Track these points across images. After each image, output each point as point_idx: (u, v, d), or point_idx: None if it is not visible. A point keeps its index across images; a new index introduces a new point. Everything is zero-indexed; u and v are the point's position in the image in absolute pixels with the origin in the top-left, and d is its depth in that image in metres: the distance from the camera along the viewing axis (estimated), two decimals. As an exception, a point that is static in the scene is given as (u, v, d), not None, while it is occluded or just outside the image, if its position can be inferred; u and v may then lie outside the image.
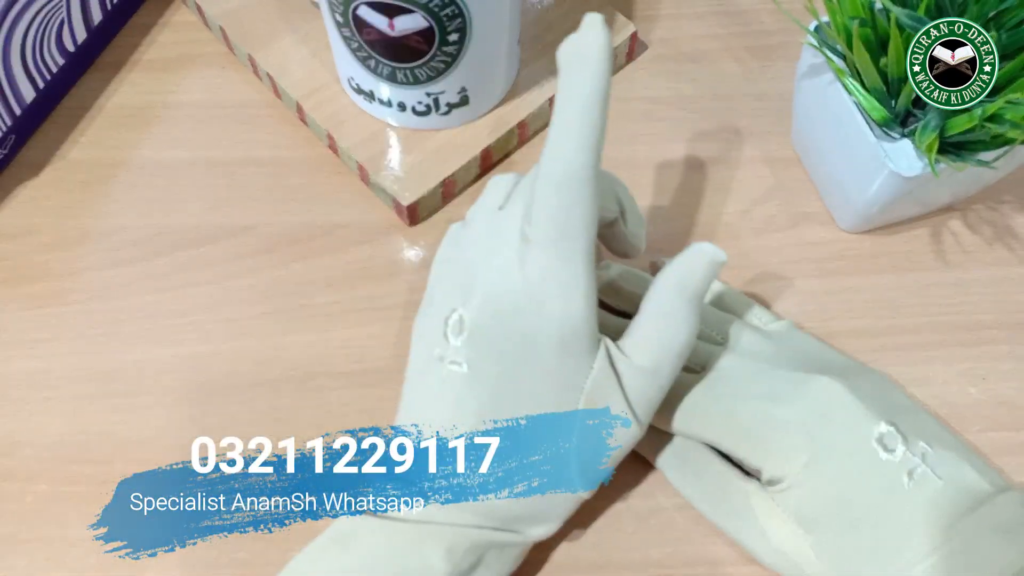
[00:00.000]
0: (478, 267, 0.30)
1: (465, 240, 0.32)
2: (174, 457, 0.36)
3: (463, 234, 0.32)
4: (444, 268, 0.32)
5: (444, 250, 0.33)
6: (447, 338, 0.30)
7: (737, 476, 0.33)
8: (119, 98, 0.45)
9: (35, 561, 0.34)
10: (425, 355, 0.31)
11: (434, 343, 0.31)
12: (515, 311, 0.29)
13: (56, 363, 0.38)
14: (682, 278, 0.30)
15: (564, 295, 0.29)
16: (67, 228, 0.41)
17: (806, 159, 0.42)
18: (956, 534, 0.29)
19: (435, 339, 0.30)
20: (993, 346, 0.38)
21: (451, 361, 0.30)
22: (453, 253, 0.32)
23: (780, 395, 0.32)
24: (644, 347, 0.30)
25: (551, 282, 0.29)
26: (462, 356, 0.30)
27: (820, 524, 0.30)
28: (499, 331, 0.29)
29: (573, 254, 0.29)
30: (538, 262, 0.29)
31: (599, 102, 0.28)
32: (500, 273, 0.29)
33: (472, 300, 0.30)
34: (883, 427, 0.31)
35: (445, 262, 0.32)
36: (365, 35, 0.36)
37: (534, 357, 0.29)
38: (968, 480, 0.30)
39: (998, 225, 0.41)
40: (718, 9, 0.47)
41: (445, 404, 0.30)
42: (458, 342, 0.30)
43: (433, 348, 0.30)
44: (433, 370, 0.30)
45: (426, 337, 0.31)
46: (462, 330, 0.30)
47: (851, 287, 0.39)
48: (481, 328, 0.29)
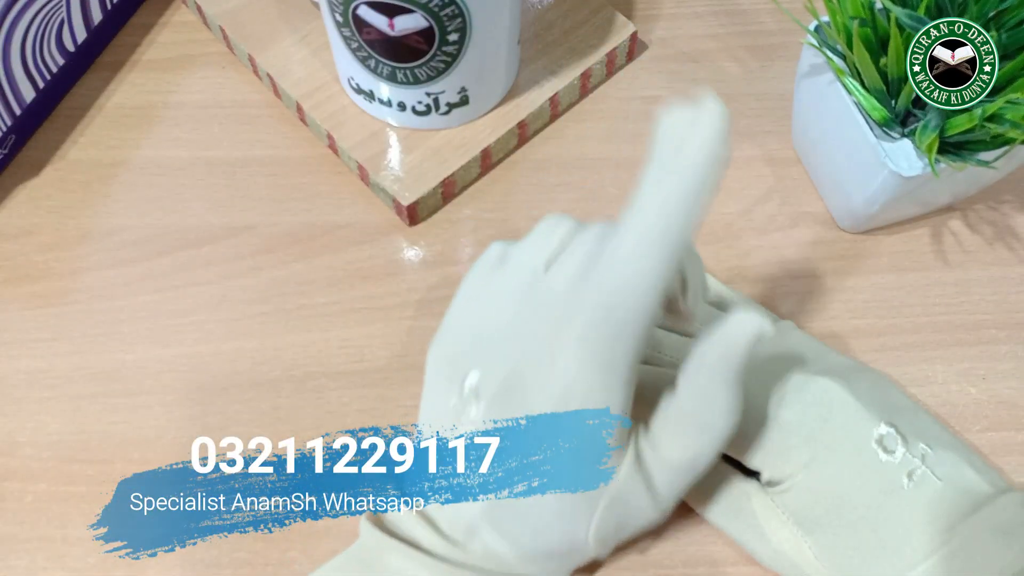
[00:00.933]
0: (507, 337, 0.28)
1: (500, 290, 0.29)
2: (174, 457, 0.36)
3: (500, 279, 0.29)
4: (470, 307, 0.30)
5: (475, 282, 0.30)
6: (461, 399, 0.29)
7: (737, 476, 0.33)
8: (119, 98, 0.45)
9: (35, 561, 0.34)
10: (443, 391, 0.29)
11: (450, 391, 0.29)
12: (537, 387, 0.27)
13: (56, 363, 0.38)
14: (723, 356, 0.27)
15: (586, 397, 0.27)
16: (67, 228, 0.41)
17: (806, 159, 0.42)
18: (956, 535, 0.29)
19: (450, 387, 0.29)
20: (993, 346, 0.38)
21: (468, 423, 0.28)
22: (484, 293, 0.30)
23: (780, 396, 0.32)
24: (680, 441, 0.28)
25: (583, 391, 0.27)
26: (483, 428, 0.28)
27: (820, 525, 0.30)
28: (517, 405, 0.28)
29: (615, 362, 0.27)
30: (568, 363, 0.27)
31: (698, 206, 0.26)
32: (531, 362, 0.27)
33: (491, 380, 0.28)
34: (883, 428, 0.31)
35: (474, 300, 0.30)
36: (365, 35, 0.36)
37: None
38: (968, 481, 0.30)
39: (998, 225, 0.41)
40: (718, 9, 0.47)
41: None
42: (474, 413, 0.28)
43: (449, 397, 0.29)
44: (450, 418, 0.29)
45: (442, 374, 0.30)
46: (479, 399, 0.28)
47: (851, 287, 0.39)
48: (498, 410, 0.28)
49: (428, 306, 0.39)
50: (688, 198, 0.25)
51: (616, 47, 0.43)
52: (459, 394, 0.29)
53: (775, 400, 0.32)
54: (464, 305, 0.30)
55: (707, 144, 0.25)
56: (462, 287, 0.31)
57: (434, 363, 0.30)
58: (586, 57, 0.43)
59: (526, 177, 0.42)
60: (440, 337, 0.31)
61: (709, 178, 0.25)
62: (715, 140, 0.25)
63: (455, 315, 0.31)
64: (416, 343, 0.38)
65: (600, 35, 0.43)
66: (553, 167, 0.42)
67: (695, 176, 0.25)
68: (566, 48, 0.43)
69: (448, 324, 0.31)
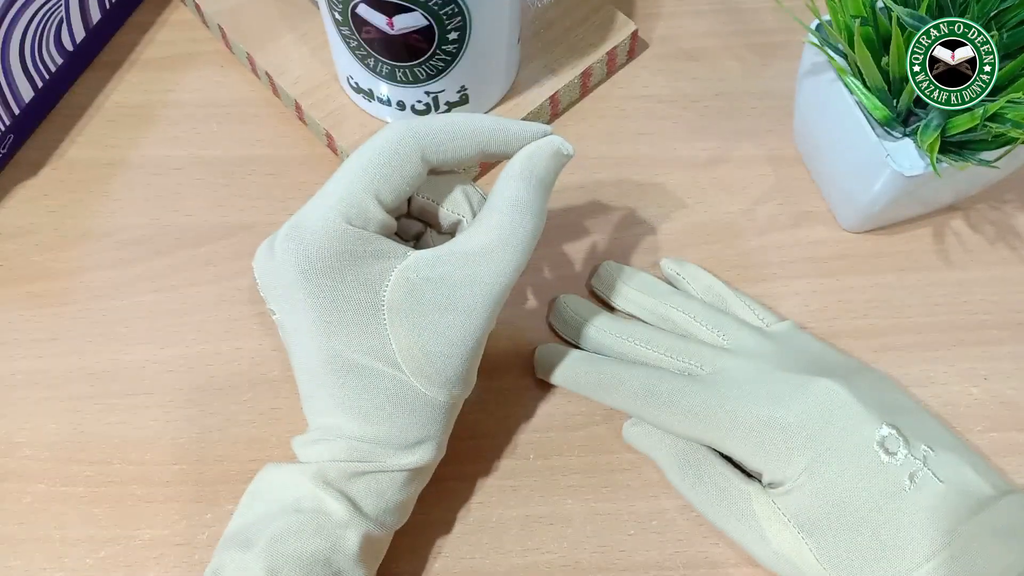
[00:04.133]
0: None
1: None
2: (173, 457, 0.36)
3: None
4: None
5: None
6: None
7: (739, 478, 0.33)
8: (118, 97, 0.45)
9: (33, 561, 0.34)
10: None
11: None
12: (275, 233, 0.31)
13: (54, 363, 0.38)
14: (528, 166, 0.30)
15: (311, 209, 0.30)
16: (66, 228, 0.41)
17: (808, 158, 0.42)
18: (957, 537, 0.29)
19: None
20: (995, 346, 0.38)
21: (270, 311, 0.32)
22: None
23: (781, 397, 0.32)
24: (481, 234, 0.30)
25: (315, 195, 0.30)
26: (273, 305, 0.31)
27: (821, 527, 0.30)
28: (263, 260, 0.31)
29: (355, 172, 0.30)
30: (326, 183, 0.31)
31: (490, 139, 0.31)
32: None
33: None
34: (884, 430, 0.30)
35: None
36: (364, 33, 0.36)
37: (282, 282, 0.30)
38: (969, 483, 0.30)
39: (1000, 224, 0.40)
40: (719, 7, 0.47)
41: (287, 343, 0.32)
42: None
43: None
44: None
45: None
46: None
47: (853, 287, 0.39)
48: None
49: (427, 306, 0.39)
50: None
51: (617, 46, 0.43)
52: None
53: (776, 401, 0.31)
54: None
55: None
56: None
57: None
58: (586, 56, 0.43)
59: (526, 176, 0.42)
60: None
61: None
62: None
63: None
64: (415, 343, 0.38)
65: (600, 33, 0.43)
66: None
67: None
68: (566, 47, 0.43)
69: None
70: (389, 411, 0.30)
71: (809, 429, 0.31)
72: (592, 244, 0.40)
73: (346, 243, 0.29)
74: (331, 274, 0.29)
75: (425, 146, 0.30)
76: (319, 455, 0.30)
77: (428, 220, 0.33)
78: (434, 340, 0.30)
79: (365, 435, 0.30)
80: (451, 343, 0.30)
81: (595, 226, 0.41)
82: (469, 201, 0.32)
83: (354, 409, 0.30)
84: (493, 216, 0.30)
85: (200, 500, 0.35)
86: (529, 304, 0.39)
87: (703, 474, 0.33)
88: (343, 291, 0.29)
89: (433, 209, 0.32)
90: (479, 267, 0.30)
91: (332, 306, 0.29)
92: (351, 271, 0.29)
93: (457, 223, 0.32)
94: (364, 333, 0.30)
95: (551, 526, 0.34)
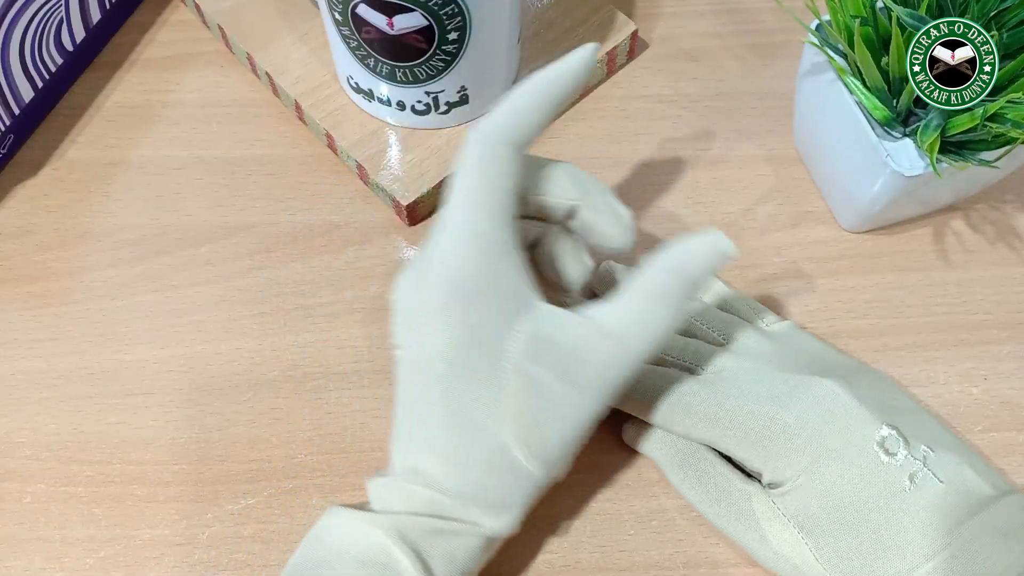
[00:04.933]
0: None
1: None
2: (173, 457, 0.36)
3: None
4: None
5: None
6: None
7: (738, 478, 0.33)
8: (118, 97, 0.45)
9: (33, 561, 0.34)
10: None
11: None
12: (416, 282, 0.30)
13: (55, 363, 0.38)
14: (682, 260, 0.29)
15: (451, 254, 0.29)
16: (66, 228, 0.41)
17: (808, 158, 0.42)
18: (957, 537, 0.29)
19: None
20: (995, 346, 0.38)
21: (394, 346, 0.31)
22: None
23: (782, 398, 0.32)
24: (617, 315, 0.29)
25: (444, 239, 0.29)
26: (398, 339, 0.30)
27: (821, 527, 0.30)
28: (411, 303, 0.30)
29: (467, 199, 0.29)
30: (441, 220, 0.29)
31: (548, 89, 0.29)
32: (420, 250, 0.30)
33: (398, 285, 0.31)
34: (885, 430, 0.30)
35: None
36: (364, 34, 0.36)
37: (434, 326, 0.29)
38: (969, 483, 0.30)
39: (1000, 224, 0.40)
40: (719, 7, 0.47)
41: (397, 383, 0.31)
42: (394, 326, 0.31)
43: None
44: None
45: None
46: (396, 312, 0.31)
47: (853, 287, 0.39)
48: (399, 306, 0.30)
49: (427, 306, 0.39)
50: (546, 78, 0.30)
51: (617, 46, 0.43)
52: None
53: (776, 402, 0.31)
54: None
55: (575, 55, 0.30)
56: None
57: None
58: (586, 56, 0.43)
59: (526, 176, 0.42)
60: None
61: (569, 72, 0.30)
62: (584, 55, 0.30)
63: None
64: (415, 343, 0.38)
65: (600, 34, 0.43)
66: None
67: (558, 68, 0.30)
68: (566, 47, 0.43)
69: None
70: (484, 469, 0.29)
71: (809, 430, 0.31)
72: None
73: (490, 275, 0.28)
74: (473, 305, 0.28)
75: (509, 136, 0.29)
76: (398, 502, 0.29)
77: (543, 215, 0.32)
78: (547, 410, 0.29)
79: (453, 488, 0.29)
80: (563, 418, 0.29)
81: (595, 226, 0.41)
82: (579, 186, 0.31)
83: (451, 458, 0.29)
84: (634, 298, 0.29)
85: (200, 500, 0.35)
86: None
87: (703, 474, 0.33)
88: (480, 329, 0.28)
89: (546, 203, 0.31)
90: (608, 347, 0.28)
91: (467, 342, 0.28)
92: (491, 307, 0.28)
93: (572, 209, 0.31)
94: (485, 380, 0.28)
95: (551, 526, 0.34)
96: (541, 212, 0.32)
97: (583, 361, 0.28)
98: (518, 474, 0.29)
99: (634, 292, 0.29)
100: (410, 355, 0.30)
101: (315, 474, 0.35)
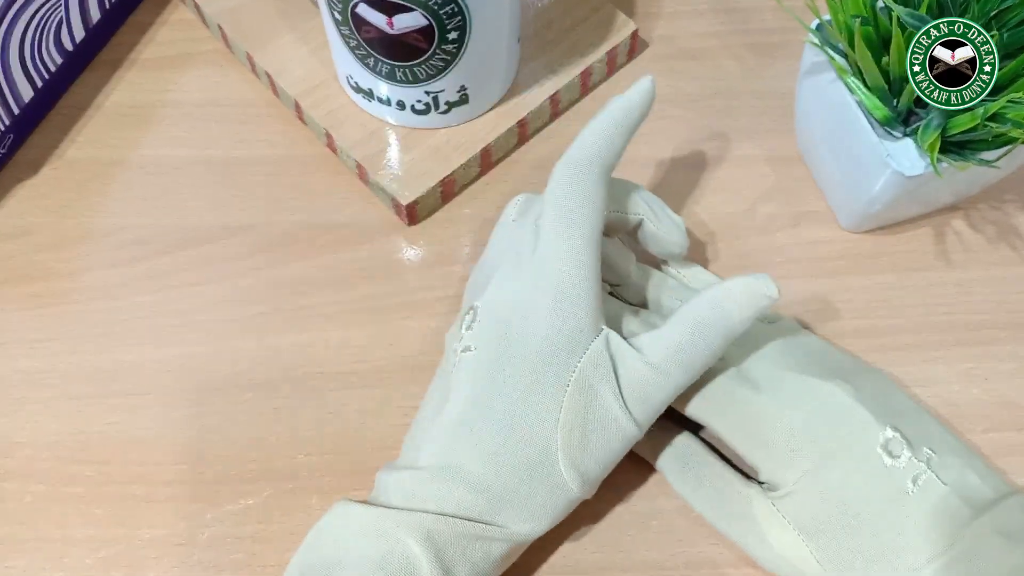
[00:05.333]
0: (494, 266, 0.33)
1: (484, 254, 0.34)
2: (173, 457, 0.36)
3: (484, 253, 0.35)
4: (466, 286, 0.35)
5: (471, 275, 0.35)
6: (462, 330, 0.32)
7: (738, 480, 0.33)
8: (117, 97, 0.45)
9: (34, 561, 0.34)
10: (447, 355, 0.33)
11: (453, 339, 0.32)
12: (519, 288, 0.31)
13: (55, 363, 0.38)
14: (724, 297, 0.30)
15: (560, 266, 0.30)
16: (66, 228, 0.41)
17: (808, 158, 0.42)
18: (960, 540, 0.29)
19: (454, 337, 0.32)
20: (995, 346, 0.38)
21: (463, 349, 0.31)
22: (475, 272, 0.35)
23: (787, 400, 0.31)
24: (660, 345, 0.30)
25: (550, 253, 0.31)
26: (472, 341, 0.31)
27: (823, 530, 0.30)
28: (503, 309, 0.31)
29: (572, 230, 0.31)
30: (541, 239, 0.31)
31: (624, 119, 0.32)
32: (511, 262, 0.32)
33: (485, 291, 0.32)
34: (888, 433, 0.30)
35: (469, 283, 0.35)
36: (364, 33, 0.36)
37: (528, 329, 0.30)
38: (972, 486, 0.30)
39: (1001, 224, 0.40)
40: (719, 7, 0.47)
41: (451, 384, 0.31)
42: (469, 331, 0.31)
43: (452, 343, 0.32)
44: (450, 361, 0.32)
45: (449, 342, 0.33)
46: (475, 319, 0.31)
47: (853, 287, 0.39)
48: (488, 310, 0.31)
49: (428, 306, 0.39)
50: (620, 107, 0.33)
51: (617, 45, 0.43)
52: (459, 331, 0.32)
53: (778, 404, 0.31)
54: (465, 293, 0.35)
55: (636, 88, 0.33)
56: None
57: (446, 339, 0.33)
58: (587, 55, 0.43)
59: (526, 176, 0.42)
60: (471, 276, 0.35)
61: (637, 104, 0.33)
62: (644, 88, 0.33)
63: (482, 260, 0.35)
64: (415, 343, 0.38)
65: (601, 33, 0.43)
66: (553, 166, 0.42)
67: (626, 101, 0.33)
68: (566, 46, 0.43)
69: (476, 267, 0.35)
70: (527, 474, 0.30)
71: (812, 432, 0.31)
72: (592, 244, 0.40)
73: (583, 291, 0.30)
74: (568, 315, 0.30)
75: (596, 162, 0.32)
76: (430, 500, 0.29)
77: (613, 228, 0.35)
78: (596, 429, 0.30)
79: (492, 488, 0.29)
80: (608, 439, 0.30)
81: (595, 226, 0.41)
82: (645, 202, 0.34)
83: (496, 458, 0.29)
84: (675, 330, 0.30)
85: (200, 500, 0.35)
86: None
87: (703, 477, 0.33)
88: (567, 340, 0.30)
89: (619, 218, 0.34)
90: (652, 377, 0.30)
91: (549, 352, 0.30)
92: (578, 322, 0.30)
93: (639, 223, 0.35)
94: (551, 389, 0.30)
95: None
96: (612, 226, 0.35)
97: (632, 386, 0.30)
98: (556, 486, 0.30)
99: (676, 324, 0.31)
100: (483, 356, 0.30)
101: (315, 474, 0.35)
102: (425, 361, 0.37)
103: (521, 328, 0.30)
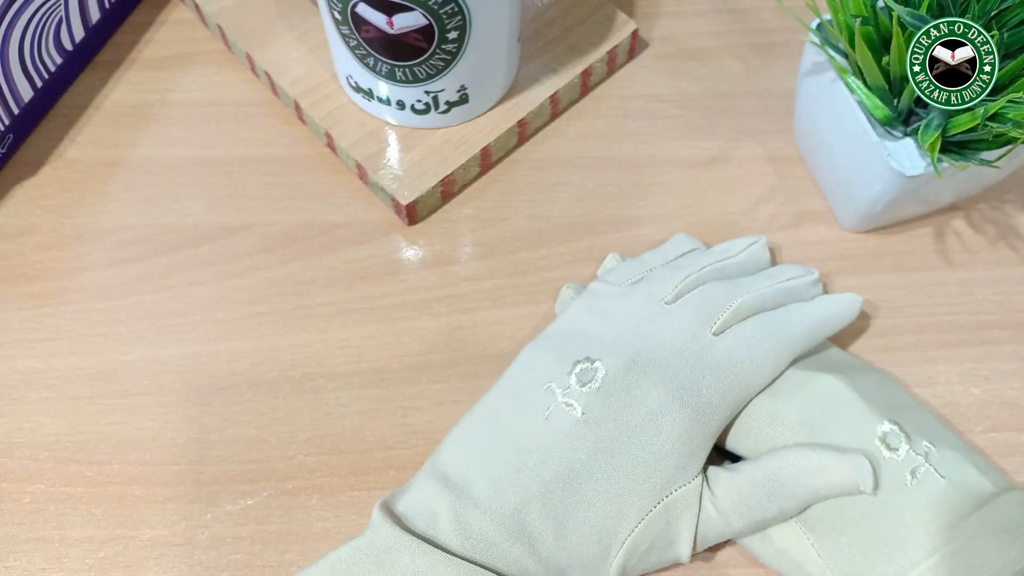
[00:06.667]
0: (633, 333, 0.32)
1: (624, 310, 0.33)
2: (173, 457, 0.36)
3: (611, 294, 0.34)
4: (586, 317, 0.33)
5: (587, 301, 0.34)
6: (571, 378, 0.31)
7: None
8: (117, 97, 0.45)
9: (33, 562, 0.34)
10: (531, 381, 0.32)
11: (550, 377, 0.31)
12: (664, 377, 0.31)
13: (53, 363, 0.38)
14: (818, 480, 0.30)
15: (705, 408, 0.31)
16: (65, 227, 0.41)
17: (808, 158, 0.42)
18: (958, 533, 0.29)
19: (553, 374, 0.31)
20: (996, 346, 0.38)
21: (566, 401, 0.30)
22: (598, 306, 0.34)
23: (783, 392, 0.32)
24: (735, 499, 0.30)
25: (745, 368, 0.31)
26: (582, 402, 0.30)
27: (822, 523, 0.30)
28: (632, 391, 0.30)
29: (777, 363, 0.32)
30: (739, 347, 0.32)
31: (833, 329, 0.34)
32: (657, 340, 0.31)
33: (617, 359, 0.31)
34: (886, 426, 0.30)
35: (587, 311, 0.33)
36: (364, 33, 0.36)
37: (650, 430, 0.30)
38: (971, 480, 0.30)
39: (1001, 224, 0.40)
40: (720, 6, 0.47)
41: (543, 432, 0.30)
42: (584, 388, 0.31)
43: (548, 381, 0.31)
44: (538, 398, 0.31)
45: (541, 369, 0.32)
46: (594, 379, 0.31)
47: (853, 287, 0.39)
48: (616, 389, 0.30)
49: (427, 306, 0.39)
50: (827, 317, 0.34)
51: (617, 45, 0.43)
52: (565, 375, 0.31)
53: (778, 397, 0.31)
54: (580, 316, 0.34)
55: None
56: (576, 304, 0.34)
57: (530, 356, 0.33)
58: (587, 55, 0.43)
59: (526, 176, 0.42)
60: (541, 341, 0.33)
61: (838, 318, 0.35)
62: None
63: (568, 322, 0.34)
64: (415, 343, 0.38)
65: (601, 33, 0.43)
66: (554, 166, 0.42)
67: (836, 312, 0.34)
68: (567, 46, 0.43)
69: (559, 327, 0.34)
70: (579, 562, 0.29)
71: (811, 424, 0.31)
72: (592, 244, 0.40)
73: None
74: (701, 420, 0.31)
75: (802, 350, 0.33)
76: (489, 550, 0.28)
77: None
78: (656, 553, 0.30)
79: (555, 562, 0.29)
80: (660, 562, 0.31)
81: (596, 226, 0.41)
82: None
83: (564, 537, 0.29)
84: (747, 483, 0.30)
85: (200, 500, 0.35)
86: (531, 303, 0.39)
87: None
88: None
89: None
90: (716, 521, 0.31)
91: (655, 468, 0.30)
92: (693, 453, 0.31)
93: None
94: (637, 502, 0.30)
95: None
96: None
97: (700, 524, 0.30)
98: (599, 566, 0.30)
99: (754, 485, 0.30)
100: (591, 433, 0.30)
101: (314, 474, 0.35)
102: (425, 361, 0.37)
103: (642, 426, 0.30)
